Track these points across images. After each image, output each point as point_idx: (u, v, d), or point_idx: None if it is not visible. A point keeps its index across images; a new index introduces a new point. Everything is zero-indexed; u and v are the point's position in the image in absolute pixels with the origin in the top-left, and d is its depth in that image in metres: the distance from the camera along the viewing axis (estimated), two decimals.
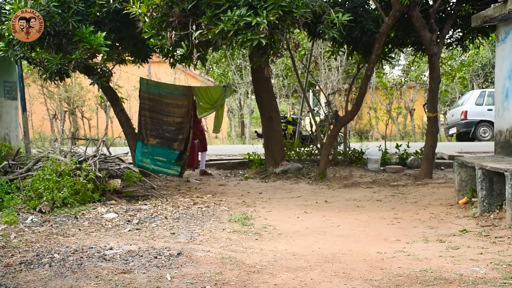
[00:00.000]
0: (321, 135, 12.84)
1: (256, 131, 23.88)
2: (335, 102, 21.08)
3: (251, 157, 12.96)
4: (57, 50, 8.85)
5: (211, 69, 24.59)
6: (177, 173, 10.92)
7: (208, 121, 23.41)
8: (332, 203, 8.70)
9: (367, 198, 9.07)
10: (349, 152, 12.86)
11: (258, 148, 14.09)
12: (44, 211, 7.38)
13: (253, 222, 7.07)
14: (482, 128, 19.98)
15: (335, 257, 5.47)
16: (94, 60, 9.58)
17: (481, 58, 24.65)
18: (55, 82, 9.84)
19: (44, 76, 9.18)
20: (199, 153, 11.77)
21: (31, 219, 6.93)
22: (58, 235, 6.20)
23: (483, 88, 23.65)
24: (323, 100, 16.62)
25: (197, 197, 9.07)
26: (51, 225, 6.69)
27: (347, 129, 13.94)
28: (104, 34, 8.58)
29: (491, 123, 18.46)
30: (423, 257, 5.34)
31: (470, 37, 11.61)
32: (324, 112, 13.68)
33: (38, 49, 9.16)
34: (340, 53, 12.72)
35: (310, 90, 18.67)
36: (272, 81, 19.98)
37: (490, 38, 12.45)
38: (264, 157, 12.05)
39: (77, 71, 9.49)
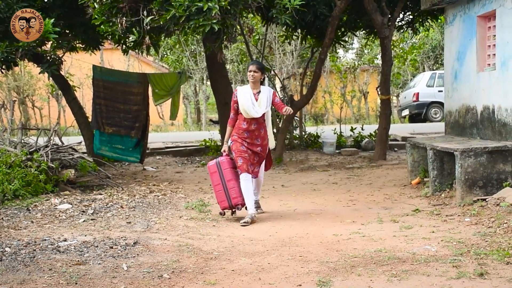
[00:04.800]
0: (277, 120, 12.89)
1: (211, 119, 23.79)
2: (290, 87, 21.14)
3: (207, 144, 12.92)
4: (2, 37, 8.57)
5: (165, 55, 24.27)
6: (137, 160, 10.80)
7: (164, 109, 23.17)
8: (288, 187, 8.77)
9: (323, 181, 9.17)
10: (305, 136, 12.96)
11: (214, 135, 14.05)
12: None
13: (210, 209, 7.05)
14: (434, 109, 20.43)
15: (292, 240, 5.52)
16: (43, 47, 9.31)
17: (431, 40, 25.12)
18: (2, 71, 9.53)
19: None
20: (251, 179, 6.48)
21: None
22: (9, 228, 6.04)
23: (434, 70, 24.15)
24: (278, 84, 16.65)
25: (153, 185, 8.99)
26: (2, 218, 6.50)
27: (302, 113, 14.03)
28: (52, 20, 8.33)
29: (442, 104, 18.90)
30: (377, 237, 5.45)
31: (420, 20, 11.83)
32: (279, 96, 13.72)
33: None
34: (294, 37, 12.76)
35: (265, 75, 18.68)
36: (227, 66, 19.89)
37: (439, 20, 12.71)
38: (220, 143, 12.02)
39: (25, 59, 9.21)
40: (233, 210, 6.51)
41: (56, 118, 21.72)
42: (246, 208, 6.46)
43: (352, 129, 13.62)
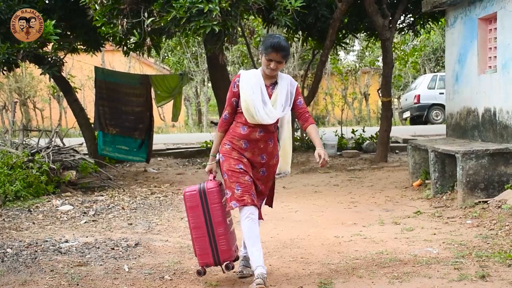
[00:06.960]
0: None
1: (212, 121, 23.79)
2: None
3: (208, 145, 12.91)
4: (4, 39, 8.57)
5: (166, 57, 24.29)
6: (143, 160, 10.82)
7: (165, 110, 23.18)
8: (290, 189, 8.76)
9: (324, 183, 9.16)
10: (306, 138, 12.95)
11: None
12: None
13: None
14: (435, 112, 20.41)
15: (293, 242, 5.51)
16: (44, 49, 9.33)
17: (432, 42, 25.12)
18: (4, 72, 9.55)
19: None
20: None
21: None
22: (11, 229, 6.05)
23: (435, 72, 24.13)
24: None
25: (154, 186, 8.99)
26: (3, 219, 6.51)
27: None
28: (53, 22, 8.34)
29: (443, 106, 18.87)
30: (379, 239, 5.44)
31: (421, 22, 11.83)
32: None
33: None
34: (295, 39, 12.76)
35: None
36: (228, 68, 19.89)
37: (440, 23, 12.72)
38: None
39: (26, 60, 9.23)
40: (229, 265, 4.21)
41: (57, 120, 21.73)
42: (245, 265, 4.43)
43: (353, 131, 13.61)
